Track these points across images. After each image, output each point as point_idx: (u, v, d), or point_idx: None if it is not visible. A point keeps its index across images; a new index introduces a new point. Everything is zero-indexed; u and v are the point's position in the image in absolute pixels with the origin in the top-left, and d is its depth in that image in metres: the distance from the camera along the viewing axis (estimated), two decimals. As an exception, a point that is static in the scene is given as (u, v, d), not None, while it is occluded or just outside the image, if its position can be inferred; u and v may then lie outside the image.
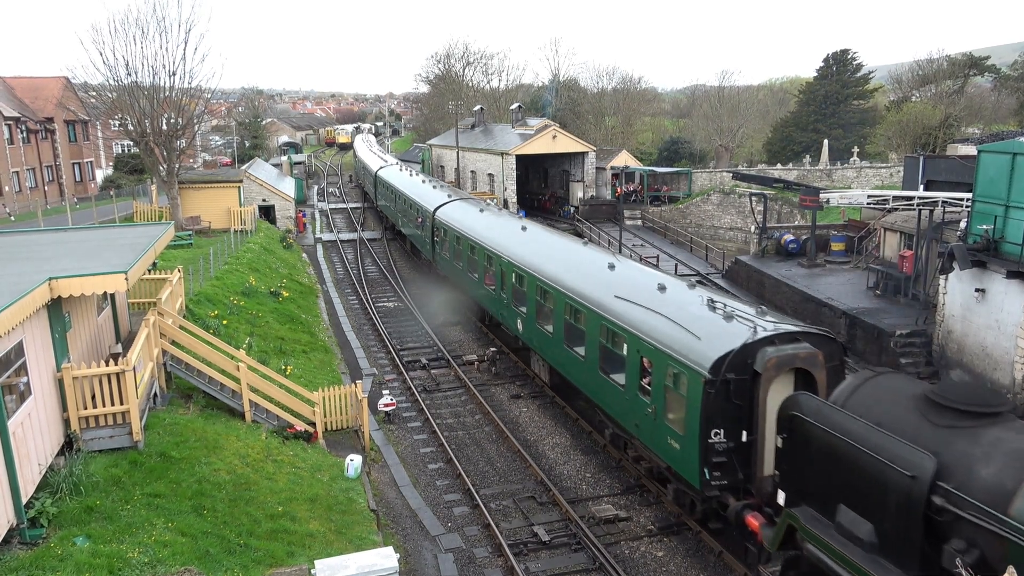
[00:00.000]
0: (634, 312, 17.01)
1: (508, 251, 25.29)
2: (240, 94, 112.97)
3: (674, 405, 15.10)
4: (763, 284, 33.31)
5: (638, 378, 16.41)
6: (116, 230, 21.34)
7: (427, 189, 40.41)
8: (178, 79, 36.69)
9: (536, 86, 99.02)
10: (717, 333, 14.64)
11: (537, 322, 22.55)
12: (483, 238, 27.83)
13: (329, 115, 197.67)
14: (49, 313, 13.26)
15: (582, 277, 20.38)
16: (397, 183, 45.76)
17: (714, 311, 15.77)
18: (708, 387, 13.75)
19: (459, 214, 32.45)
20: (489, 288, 27.02)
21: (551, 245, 24.73)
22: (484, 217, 30.83)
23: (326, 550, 12.96)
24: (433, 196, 37.48)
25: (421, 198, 38.43)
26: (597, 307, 18.42)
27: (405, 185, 43.85)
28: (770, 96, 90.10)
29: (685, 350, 14.66)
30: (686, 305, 16.41)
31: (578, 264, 21.72)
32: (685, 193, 56.08)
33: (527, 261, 23.63)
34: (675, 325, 15.48)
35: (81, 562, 10.74)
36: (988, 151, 23.79)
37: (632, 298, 17.52)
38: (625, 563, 15.22)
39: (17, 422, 11.47)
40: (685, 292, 17.57)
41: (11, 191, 51.17)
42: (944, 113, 62.76)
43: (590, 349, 18.86)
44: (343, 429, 20.00)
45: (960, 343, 24.21)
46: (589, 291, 19.29)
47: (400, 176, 48.11)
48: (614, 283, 18.98)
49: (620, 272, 20.00)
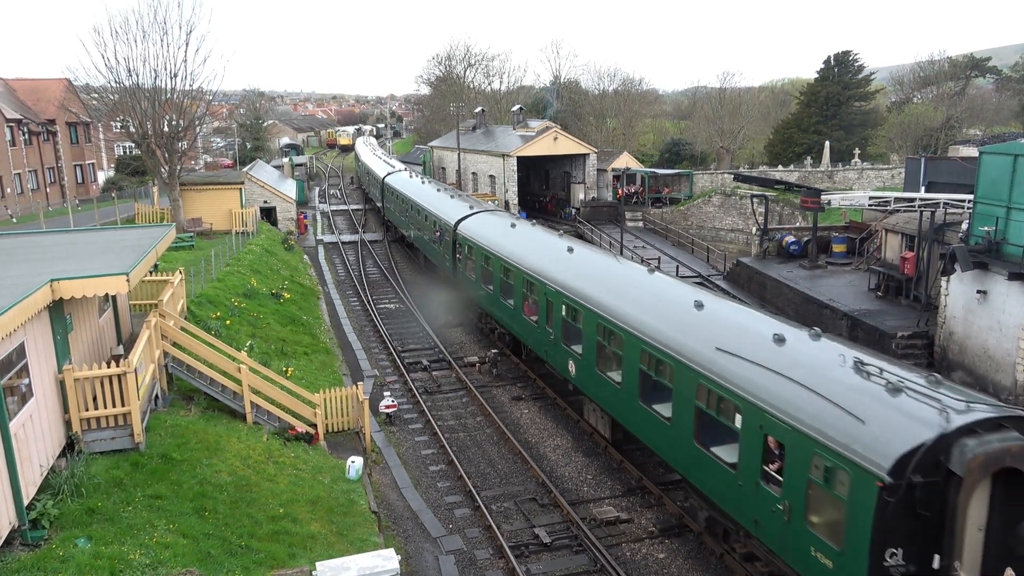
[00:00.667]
0: (749, 372, 13.28)
1: (554, 277, 21.49)
2: (241, 96, 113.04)
3: (823, 507, 11.51)
4: (764, 286, 33.30)
5: (759, 461, 12.74)
6: (117, 232, 21.36)
7: (444, 198, 36.96)
8: (179, 81, 36.82)
9: (537, 88, 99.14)
10: (888, 416, 10.99)
11: (598, 367, 18.80)
12: (519, 259, 24.08)
13: (330, 117, 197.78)
14: (51, 315, 13.27)
15: (663, 318, 16.56)
16: (410, 192, 42.40)
17: (869, 378, 11.95)
18: (887, 494, 10.15)
19: (486, 229, 28.81)
20: (529, 319, 23.31)
21: (608, 271, 20.74)
22: (518, 233, 26.86)
23: (327, 552, 12.97)
24: (453, 207, 33.97)
25: (438, 209, 34.88)
26: (691, 361, 14.65)
27: (418, 194, 40.56)
28: (771, 98, 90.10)
29: (844, 438, 10.97)
30: (824, 367, 12.71)
31: (653, 300, 17.72)
32: (686, 195, 56.09)
33: (583, 292, 19.72)
34: (819, 398, 11.83)
35: (83, 564, 10.74)
36: (990, 153, 23.82)
37: (743, 352, 13.78)
38: (626, 565, 15.20)
39: (19, 424, 11.47)
40: (813, 346, 13.72)
41: (13, 193, 51.23)
42: (946, 115, 62.82)
43: (680, 413, 15.13)
44: (344, 431, 20.00)
45: (962, 345, 24.19)
46: (677, 338, 15.51)
47: (411, 184, 44.84)
48: (708, 329, 15.33)
49: (714, 314, 16.10)
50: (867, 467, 10.42)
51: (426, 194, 39.76)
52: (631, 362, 17.02)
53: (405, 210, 42.82)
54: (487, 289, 27.05)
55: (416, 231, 39.92)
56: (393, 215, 48.26)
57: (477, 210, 31.97)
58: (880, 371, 12.05)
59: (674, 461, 15.74)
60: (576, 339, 20.14)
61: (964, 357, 24.09)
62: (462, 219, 31.04)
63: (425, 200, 38.28)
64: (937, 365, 24.85)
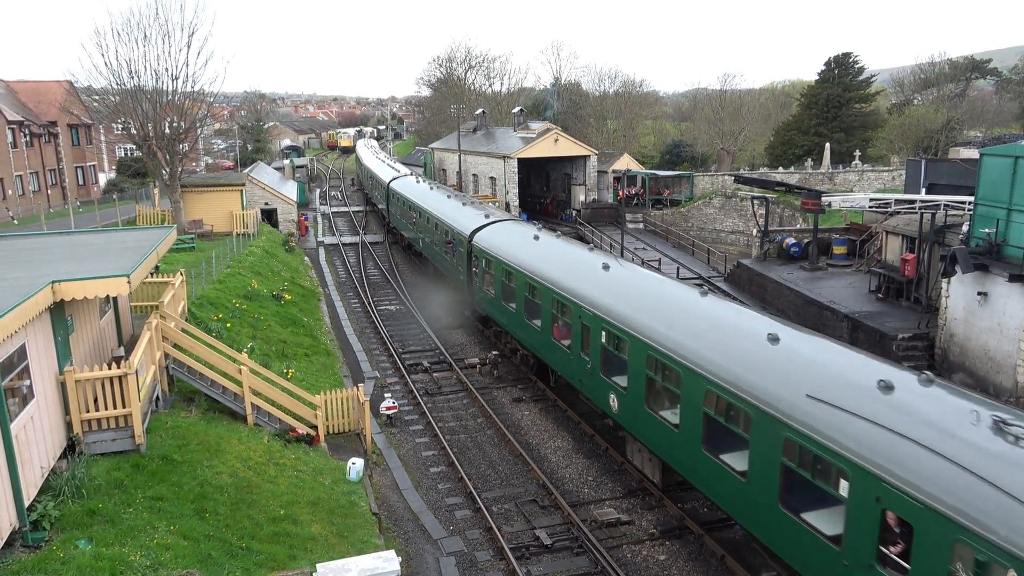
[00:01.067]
0: (855, 429, 11.13)
1: (591, 298, 19.32)
2: (242, 98, 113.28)
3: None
4: (765, 288, 33.31)
5: (874, 539, 10.58)
6: (118, 233, 21.36)
7: (456, 206, 34.74)
8: (181, 83, 36.88)
9: (538, 89, 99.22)
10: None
11: (648, 405, 16.62)
12: (546, 276, 22.16)
13: (331, 118, 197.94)
14: (52, 316, 13.29)
15: (731, 353, 14.22)
16: (417, 199, 40.28)
17: (1018, 444, 9.71)
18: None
19: (505, 240, 26.57)
20: (561, 344, 21.16)
21: (654, 293, 18.29)
22: (543, 246, 24.54)
23: (328, 553, 12.97)
24: (467, 216, 31.62)
25: (451, 218, 32.69)
26: (774, 409, 12.42)
27: (427, 201, 38.45)
28: (772, 99, 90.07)
29: (1004, 527, 8.80)
30: (955, 425, 10.43)
31: (714, 330, 15.37)
32: (687, 196, 56.09)
33: (627, 317, 17.50)
34: (959, 468, 9.67)
35: (83, 565, 10.75)
36: (990, 154, 23.82)
37: (843, 402, 11.60)
38: (627, 567, 15.20)
39: (19, 425, 11.48)
40: (928, 395, 11.44)
41: (14, 194, 51.29)
42: (946, 116, 62.82)
43: (761, 469, 12.92)
44: (345, 432, 20.00)
45: (962, 347, 24.19)
46: (752, 379, 13.26)
47: (419, 189, 42.79)
48: (791, 369, 13.07)
49: (792, 351, 13.76)
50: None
51: (436, 201, 37.67)
52: (692, 403, 14.82)
53: (412, 217, 40.83)
54: (508, 308, 25.14)
55: (426, 240, 37.66)
56: (399, 221, 46.39)
57: (494, 219, 29.50)
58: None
59: (750, 523, 13.54)
60: (619, 370, 17.91)
61: (965, 359, 24.09)
62: (478, 229, 28.81)
63: (435, 207, 36.16)
64: (938, 367, 24.85)
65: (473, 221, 30.10)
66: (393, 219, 49.15)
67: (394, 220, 48.66)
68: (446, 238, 32.63)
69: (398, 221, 46.83)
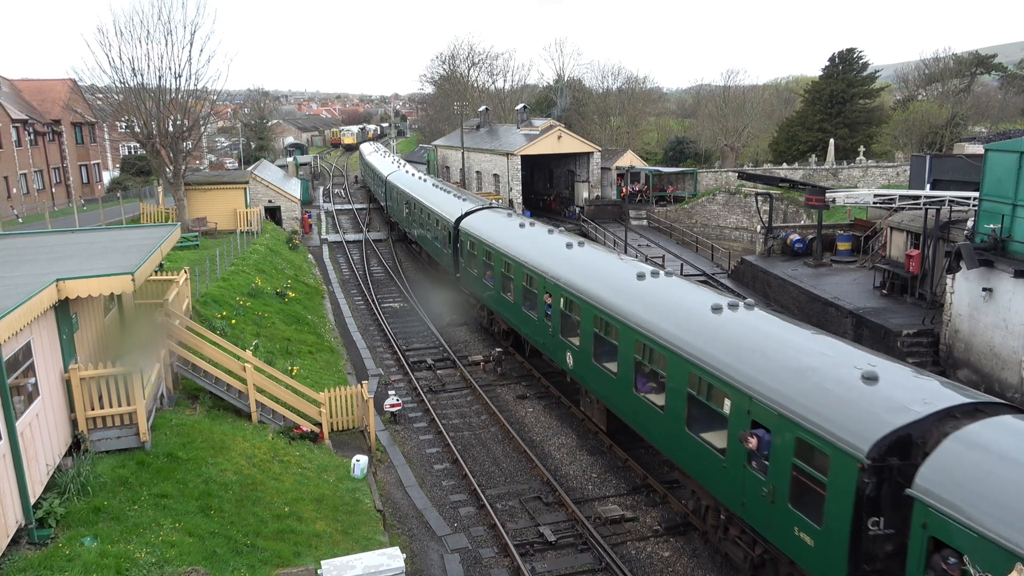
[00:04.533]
0: None
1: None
2: (246, 95, 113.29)
3: None
4: (769, 284, 33.25)
5: None
6: (123, 232, 21.41)
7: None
8: (184, 81, 36.94)
9: (541, 86, 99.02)
10: None
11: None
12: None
13: (334, 116, 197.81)
14: (56, 314, 13.32)
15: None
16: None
17: None
18: None
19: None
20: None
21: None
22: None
23: (332, 550, 12.99)
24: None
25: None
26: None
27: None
28: (775, 95, 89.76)
29: None
30: None
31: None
32: (691, 193, 55.98)
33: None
34: None
35: (89, 562, 10.78)
36: (995, 150, 23.71)
37: None
38: (631, 563, 15.20)
39: (25, 423, 11.52)
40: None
41: (19, 193, 51.43)
42: (951, 112, 62.62)
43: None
44: (349, 430, 20.03)
45: (967, 343, 24.11)
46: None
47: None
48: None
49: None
50: None
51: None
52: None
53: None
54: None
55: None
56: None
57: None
58: None
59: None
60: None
61: (970, 355, 24.01)
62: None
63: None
64: (943, 363, 24.79)
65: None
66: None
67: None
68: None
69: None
